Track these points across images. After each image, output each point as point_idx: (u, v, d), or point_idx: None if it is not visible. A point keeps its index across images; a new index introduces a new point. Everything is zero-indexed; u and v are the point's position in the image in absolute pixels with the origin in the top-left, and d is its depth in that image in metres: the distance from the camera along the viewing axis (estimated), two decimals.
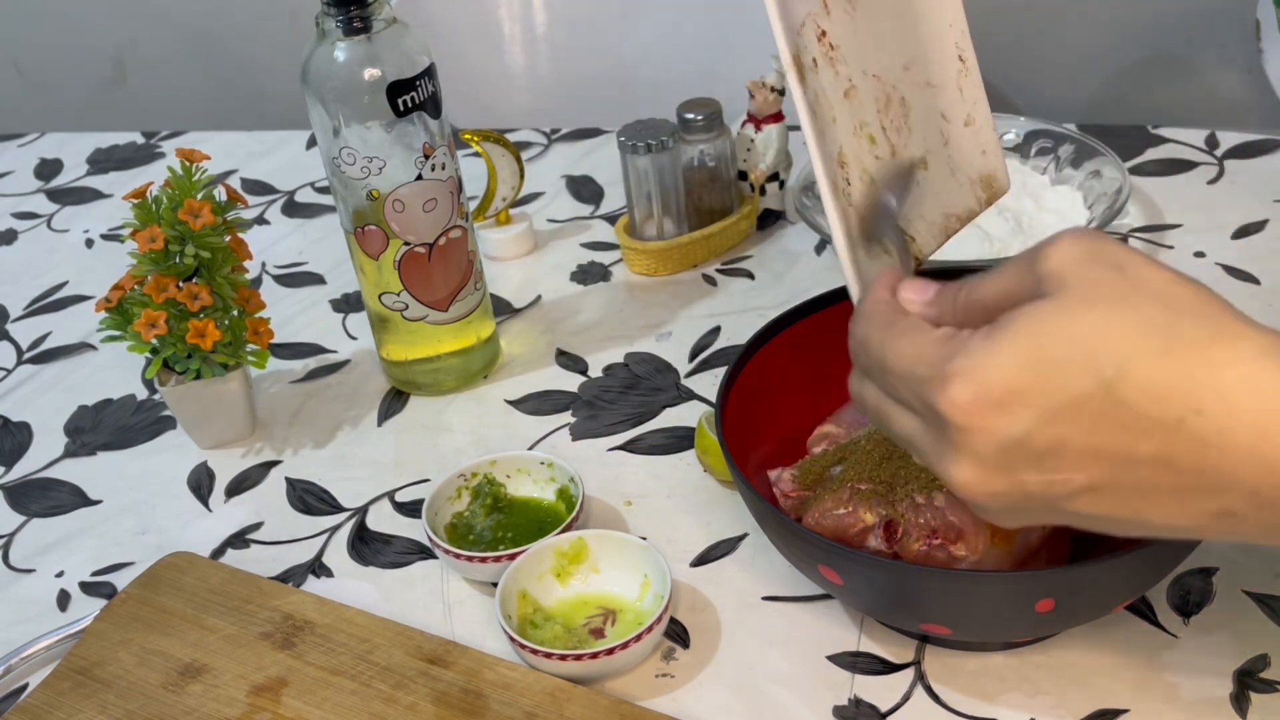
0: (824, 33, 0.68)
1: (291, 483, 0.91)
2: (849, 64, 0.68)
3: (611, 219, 1.17)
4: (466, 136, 1.07)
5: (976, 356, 0.50)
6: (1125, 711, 0.68)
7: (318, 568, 0.84)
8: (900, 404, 0.55)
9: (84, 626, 0.79)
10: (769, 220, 1.12)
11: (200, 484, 0.92)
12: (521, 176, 1.10)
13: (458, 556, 0.78)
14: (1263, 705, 0.67)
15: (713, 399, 0.89)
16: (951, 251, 1.00)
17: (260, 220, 1.24)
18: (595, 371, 0.98)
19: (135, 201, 0.89)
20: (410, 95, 0.85)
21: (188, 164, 0.89)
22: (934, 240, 0.70)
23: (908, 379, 0.53)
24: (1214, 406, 0.48)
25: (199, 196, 0.88)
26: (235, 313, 0.91)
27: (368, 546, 0.85)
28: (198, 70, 2.10)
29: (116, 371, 1.05)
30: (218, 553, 0.86)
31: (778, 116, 1.07)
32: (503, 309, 1.07)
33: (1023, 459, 0.50)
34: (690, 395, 0.95)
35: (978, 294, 0.54)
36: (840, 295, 0.82)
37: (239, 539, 0.87)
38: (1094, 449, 0.49)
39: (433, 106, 0.87)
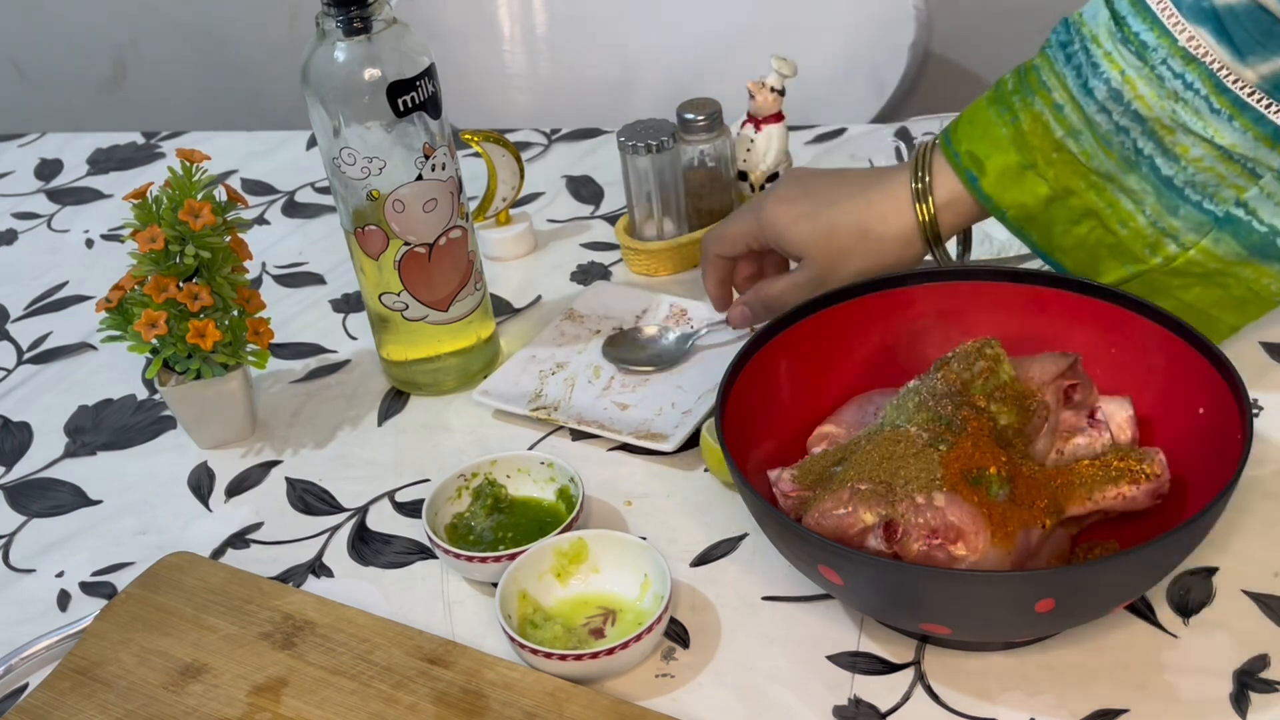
0: None
1: (292, 483, 0.91)
2: None
3: (611, 219, 1.17)
4: (466, 137, 1.07)
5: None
6: (1125, 711, 0.68)
7: (318, 568, 0.84)
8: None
9: (84, 626, 0.79)
10: None
11: (200, 484, 0.92)
12: (521, 177, 1.10)
13: (458, 556, 0.78)
14: (1263, 705, 0.67)
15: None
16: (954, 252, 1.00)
17: (260, 220, 1.24)
18: None
19: (135, 202, 0.89)
20: (410, 95, 0.85)
21: (188, 164, 0.89)
22: None
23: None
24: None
25: (199, 197, 0.88)
26: (235, 313, 0.91)
27: (368, 546, 0.85)
28: (198, 71, 2.10)
29: (117, 371, 1.05)
30: (218, 553, 0.86)
31: (778, 117, 1.07)
32: (503, 309, 1.07)
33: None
34: None
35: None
36: (840, 295, 0.82)
37: (239, 539, 0.87)
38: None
39: (433, 107, 0.87)
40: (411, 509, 0.88)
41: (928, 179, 0.82)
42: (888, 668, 0.72)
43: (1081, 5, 0.79)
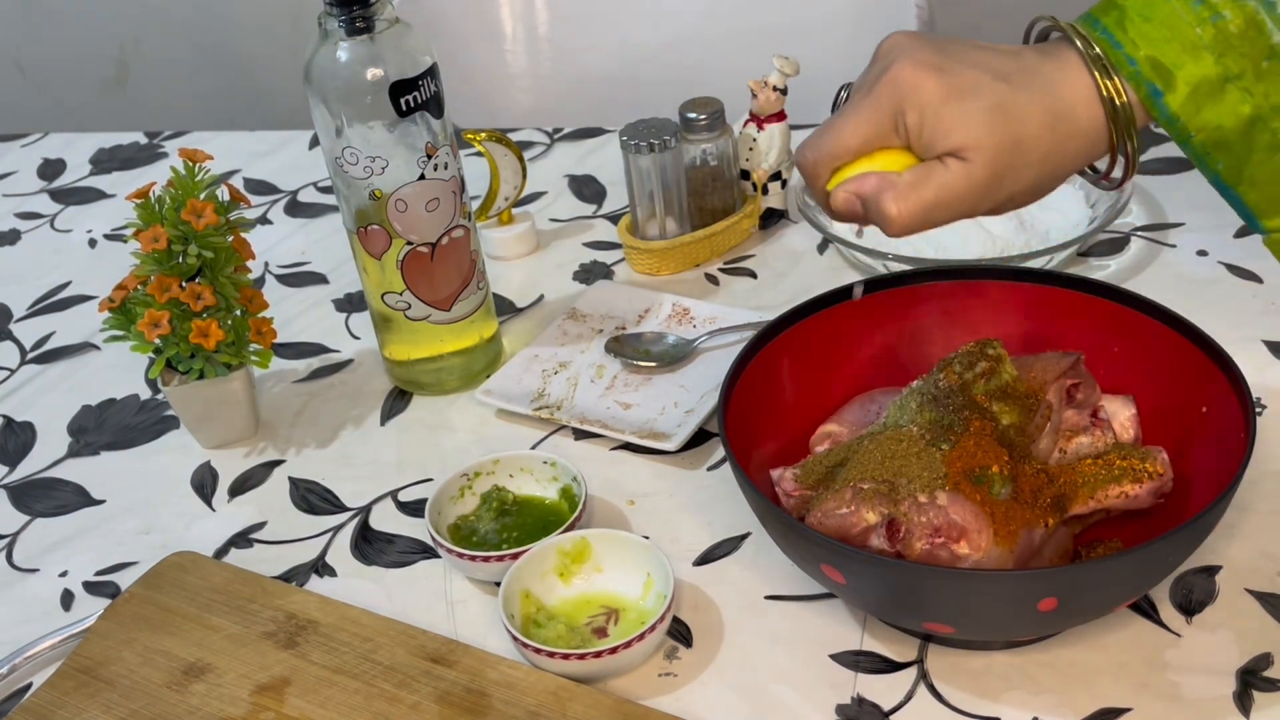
0: None
1: (295, 482, 0.92)
2: None
3: (614, 218, 1.17)
4: (469, 136, 1.07)
5: None
6: (1128, 710, 0.68)
7: (321, 567, 0.84)
8: None
9: (87, 626, 0.79)
10: (771, 219, 1.12)
11: (203, 483, 0.92)
12: (524, 176, 1.10)
13: (461, 556, 0.78)
14: (1266, 704, 0.67)
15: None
16: (956, 250, 1.00)
17: (263, 220, 1.24)
18: None
19: (138, 201, 0.89)
20: (413, 95, 0.85)
21: (190, 164, 0.89)
22: None
23: None
24: None
25: (202, 196, 0.88)
26: (238, 312, 0.91)
27: (371, 546, 0.85)
28: (200, 70, 2.11)
29: (120, 371, 1.05)
30: (221, 552, 0.86)
31: (780, 116, 1.07)
32: (505, 308, 1.07)
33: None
34: None
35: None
36: (842, 295, 0.82)
37: (242, 538, 0.87)
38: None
39: (435, 106, 0.87)
40: (414, 508, 0.88)
41: (1112, 83, 0.64)
42: (891, 666, 0.72)
43: (1083, 6, 0.78)
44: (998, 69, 0.65)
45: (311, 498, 0.90)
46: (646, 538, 0.78)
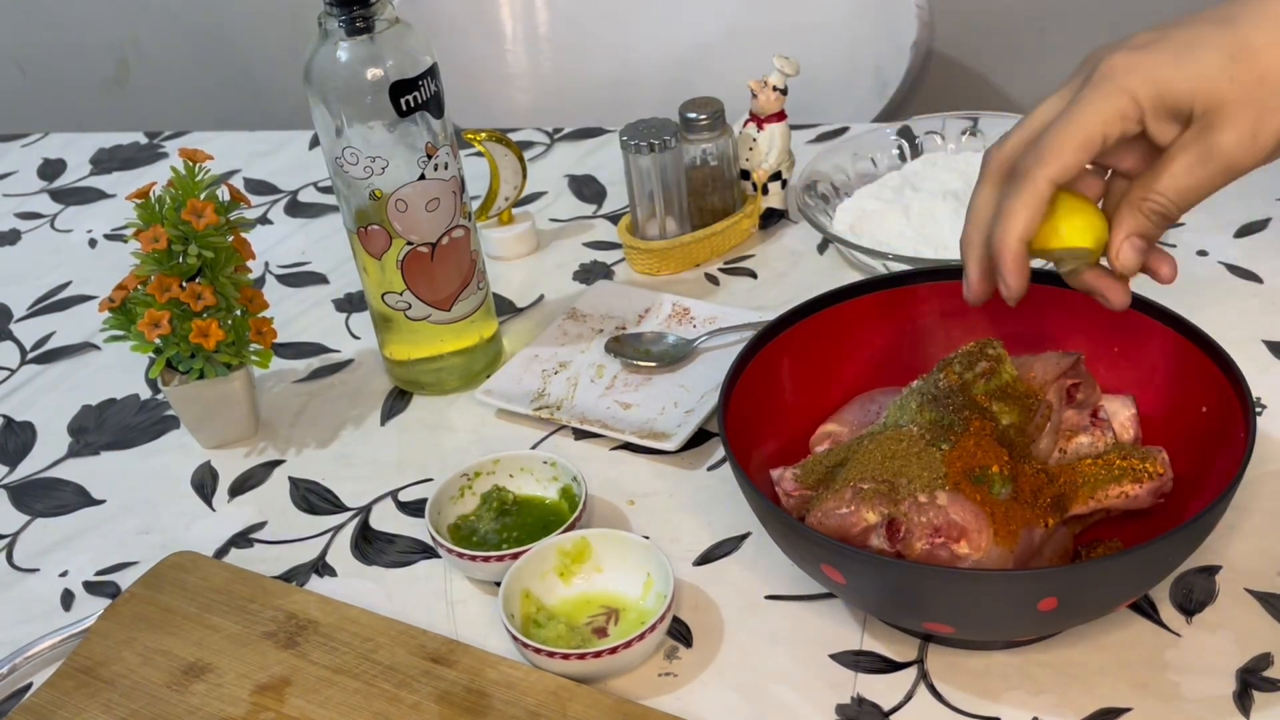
0: None
1: (295, 482, 0.92)
2: None
3: (614, 218, 1.17)
4: (469, 136, 1.07)
5: None
6: (1128, 710, 0.68)
7: (321, 567, 0.84)
8: None
9: (88, 626, 0.79)
10: (771, 219, 1.12)
11: (204, 483, 0.92)
12: (524, 176, 1.10)
13: (461, 556, 0.78)
14: (1266, 704, 0.67)
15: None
16: (956, 250, 1.00)
17: (263, 220, 1.24)
18: None
19: (138, 201, 0.89)
20: (413, 95, 0.85)
21: (191, 164, 0.89)
22: None
23: None
24: None
25: (202, 196, 0.88)
26: (238, 312, 0.91)
27: (371, 546, 0.85)
28: (201, 70, 2.11)
29: (120, 371, 1.05)
30: (221, 552, 0.86)
31: (780, 116, 1.07)
32: (505, 308, 1.07)
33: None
34: None
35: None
36: (842, 295, 0.82)
37: (242, 538, 0.87)
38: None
39: (435, 106, 0.87)
40: (414, 508, 0.88)
41: None
42: (891, 666, 0.72)
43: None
44: (1214, 17, 0.62)
45: (311, 498, 0.90)
46: (646, 538, 0.78)
